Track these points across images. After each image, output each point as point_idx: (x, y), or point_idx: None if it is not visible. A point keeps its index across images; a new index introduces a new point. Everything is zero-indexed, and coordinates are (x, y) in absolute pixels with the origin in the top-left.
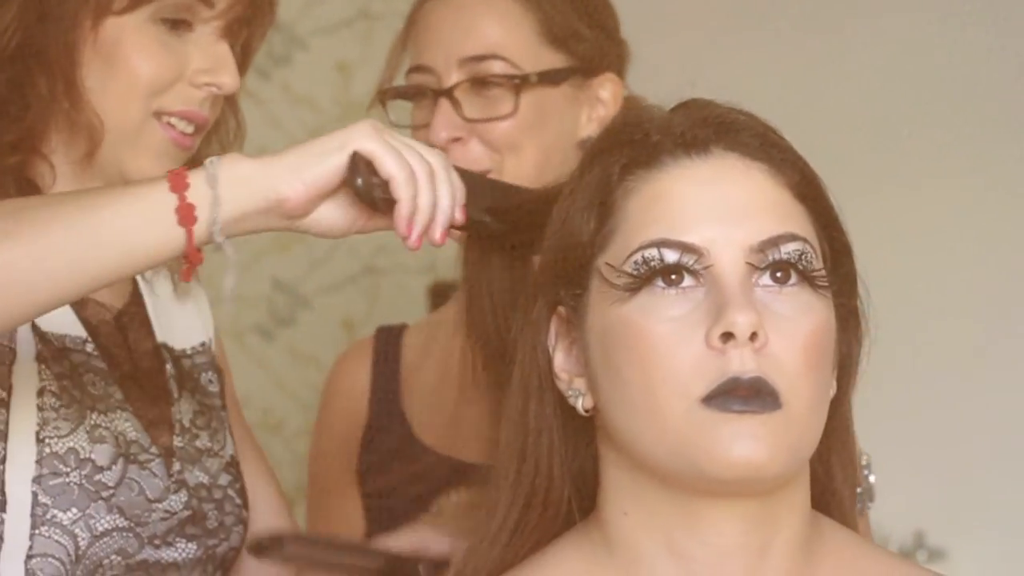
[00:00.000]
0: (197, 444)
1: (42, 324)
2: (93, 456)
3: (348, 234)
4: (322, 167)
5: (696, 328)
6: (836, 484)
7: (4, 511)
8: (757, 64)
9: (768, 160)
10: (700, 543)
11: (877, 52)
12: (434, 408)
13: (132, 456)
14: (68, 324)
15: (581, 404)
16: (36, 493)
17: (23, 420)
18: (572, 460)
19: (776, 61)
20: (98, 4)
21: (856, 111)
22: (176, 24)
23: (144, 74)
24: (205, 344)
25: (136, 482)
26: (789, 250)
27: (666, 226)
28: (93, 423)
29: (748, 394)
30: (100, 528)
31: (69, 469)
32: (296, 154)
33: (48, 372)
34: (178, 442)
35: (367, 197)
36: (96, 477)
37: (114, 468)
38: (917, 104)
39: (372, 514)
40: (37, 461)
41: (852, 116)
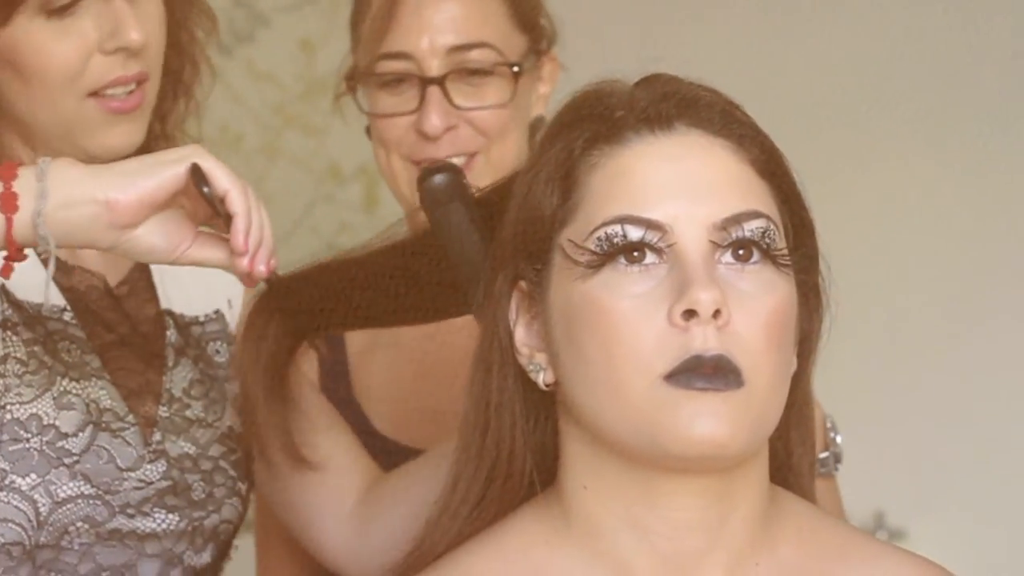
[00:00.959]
0: (187, 414)
1: (18, 292)
2: (58, 423)
3: (170, 258)
4: (156, 177)
5: (659, 305)
6: (795, 459)
7: None
8: (720, 41)
9: (731, 136)
10: (659, 517)
11: (840, 29)
12: (391, 398)
13: (104, 424)
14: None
15: (542, 379)
16: None
17: None
18: (533, 433)
19: (739, 38)
20: None
21: (820, 89)
22: (63, 8)
23: (52, 71)
24: (219, 312)
25: (106, 450)
26: (752, 227)
27: (629, 202)
28: (62, 390)
29: (711, 372)
30: (62, 495)
31: (30, 435)
32: (131, 163)
33: (15, 339)
34: (163, 412)
35: (213, 203)
36: (59, 444)
37: (81, 435)
38: (880, 82)
39: None
40: None
41: (816, 94)
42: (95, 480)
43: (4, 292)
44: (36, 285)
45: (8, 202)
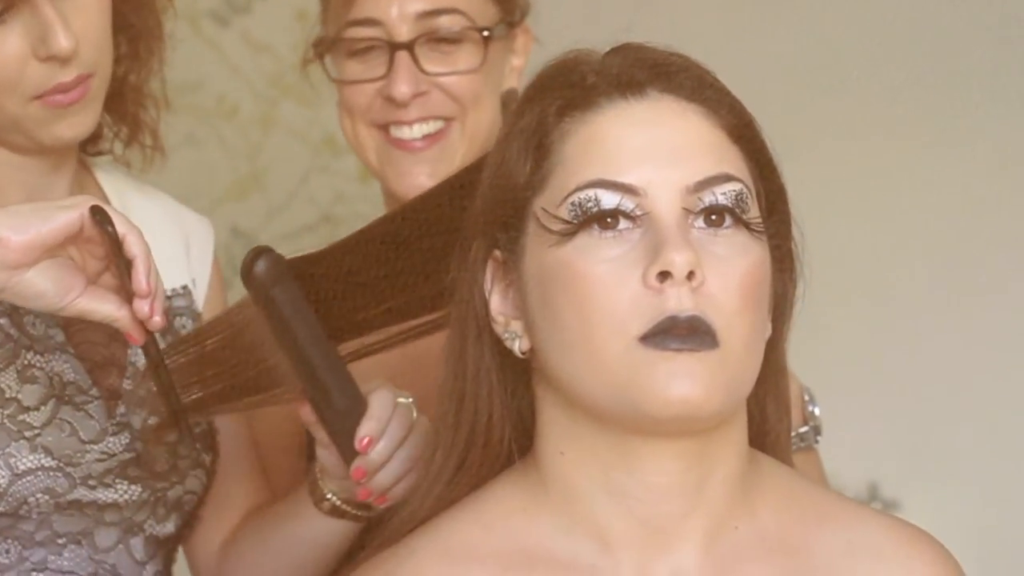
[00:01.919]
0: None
1: None
2: (20, 396)
3: (59, 305)
4: (52, 221)
5: (633, 268)
6: (771, 424)
7: None
8: (702, 10)
9: (704, 102)
10: (637, 481)
11: None
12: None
13: (67, 397)
14: None
15: (518, 346)
16: None
17: None
18: (511, 401)
19: (722, 6)
20: None
21: (805, 55)
22: None
23: None
24: (187, 288)
25: (68, 423)
26: (725, 190)
27: (602, 167)
28: (27, 363)
29: (685, 332)
30: (22, 467)
31: None
32: (27, 206)
33: None
34: (127, 384)
35: (116, 244)
36: (20, 417)
37: (43, 409)
38: (867, 48)
39: None
40: None
41: (801, 61)
42: (57, 453)
43: None
44: None
45: None
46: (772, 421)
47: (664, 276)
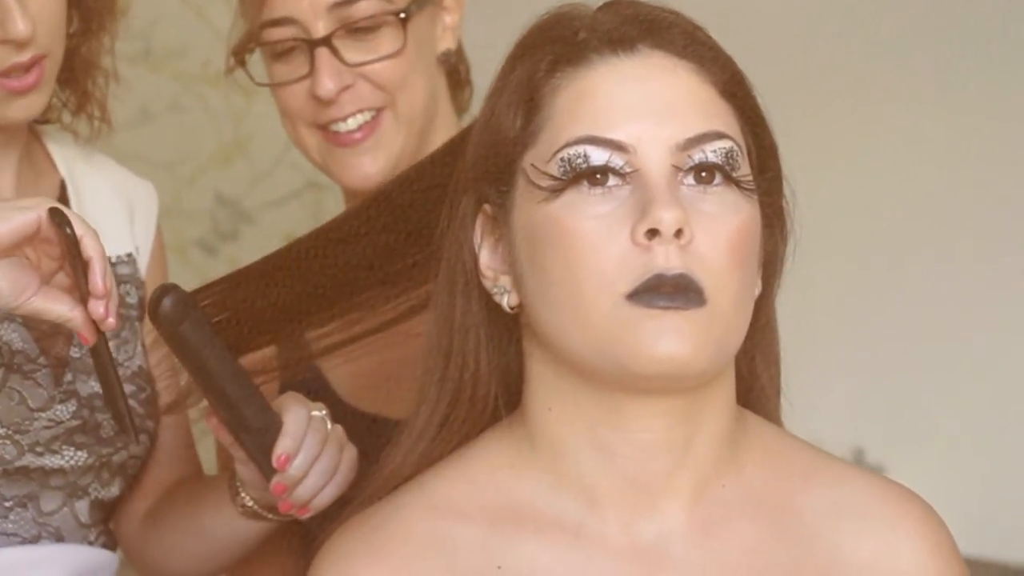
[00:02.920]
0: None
1: None
2: None
3: (14, 304)
4: (9, 221)
5: (622, 225)
6: (760, 382)
7: None
8: None
9: (695, 58)
10: (624, 439)
11: None
12: (349, 361)
13: (16, 366)
14: None
15: (507, 301)
16: None
17: None
18: (498, 356)
19: None
20: None
21: (800, 14)
22: None
23: None
24: (131, 255)
25: (17, 391)
26: (715, 148)
27: (592, 123)
28: None
29: (673, 290)
30: None
31: None
32: None
33: None
34: (74, 352)
35: (73, 244)
36: None
37: None
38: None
39: None
40: None
41: (788, 18)
42: (5, 421)
43: None
44: None
45: None
46: (762, 379)
47: (652, 234)
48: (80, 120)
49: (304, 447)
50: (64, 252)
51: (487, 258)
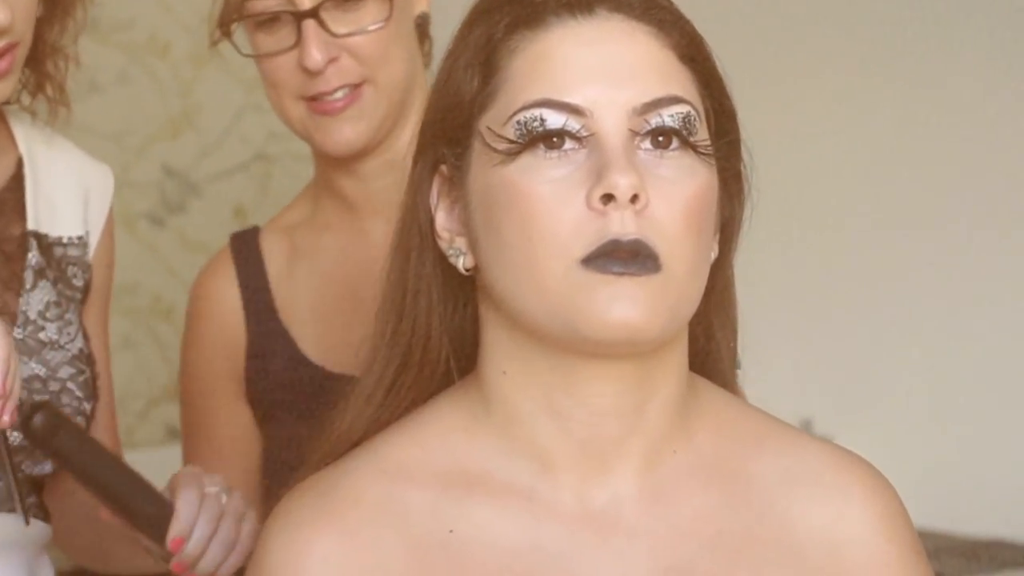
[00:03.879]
0: (40, 336)
1: None
2: None
3: None
4: None
5: (577, 189)
6: (715, 345)
7: None
8: None
9: (653, 22)
10: (578, 403)
11: None
12: (317, 321)
13: None
14: None
15: (462, 263)
16: None
17: None
18: (452, 320)
19: None
20: None
21: None
22: None
23: None
24: (82, 238)
25: None
26: (672, 112)
27: (548, 86)
28: None
29: (627, 256)
30: None
31: None
32: None
33: None
34: (17, 334)
35: None
36: None
37: None
38: None
39: (265, 431)
40: None
41: None
42: None
43: None
44: None
45: None
46: (717, 342)
47: (607, 199)
48: (40, 101)
49: (197, 527)
50: None
51: (443, 219)
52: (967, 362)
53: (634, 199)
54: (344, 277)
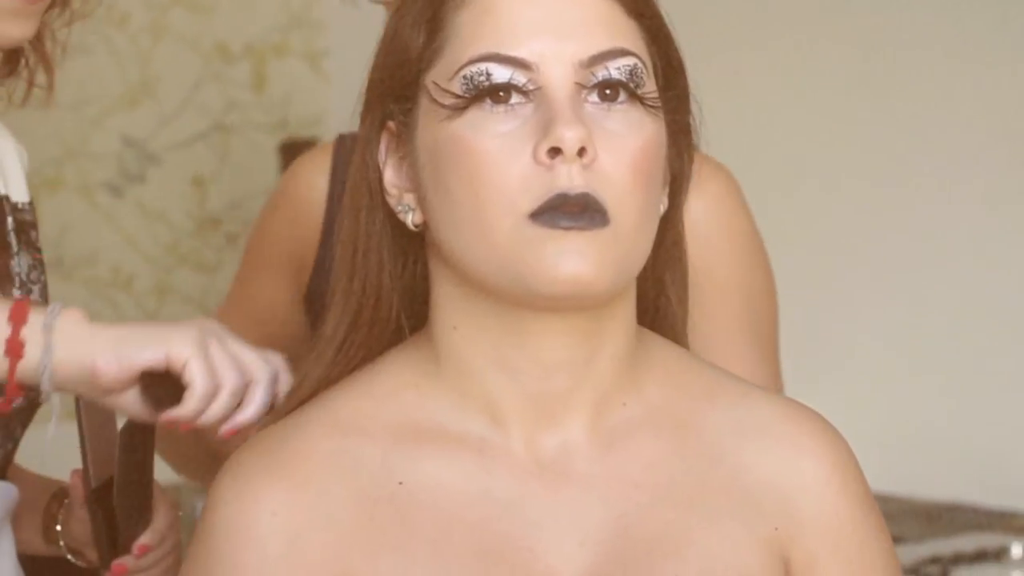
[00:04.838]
0: (32, 299)
1: None
2: None
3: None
4: (140, 355)
5: (524, 143)
6: (667, 302)
7: None
8: None
9: None
10: (527, 357)
11: None
12: None
13: None
14: None
15: (411, 219)
16: None
17: None
18: (402, 277)
19: None
20: None
21: None
22: None
23: None
24: (31, 205)
25: None
26: (619, 65)
27: (494, 40)
28: None
29: (575, 210)
30: None
31: None
32: (126, 331)
33: None
34: (18, 295)
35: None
36: None
37: None
38: None
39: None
40: None
41: None
42: None
43: None
44: None
45: (14, 348)
46: (670, 297)
47: (555, 152)
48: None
49: (162, 547)
50: None
51: (391, 176)
52: (926, 329)
53: (581, 152)
54: None
